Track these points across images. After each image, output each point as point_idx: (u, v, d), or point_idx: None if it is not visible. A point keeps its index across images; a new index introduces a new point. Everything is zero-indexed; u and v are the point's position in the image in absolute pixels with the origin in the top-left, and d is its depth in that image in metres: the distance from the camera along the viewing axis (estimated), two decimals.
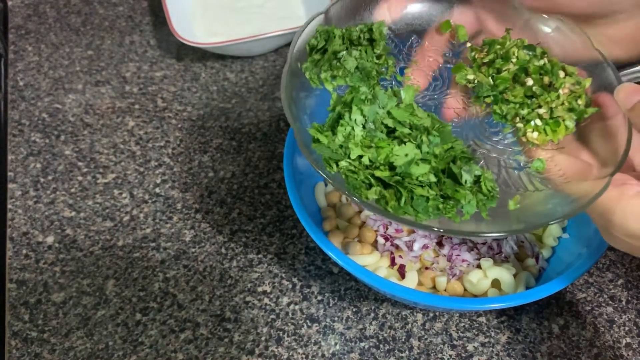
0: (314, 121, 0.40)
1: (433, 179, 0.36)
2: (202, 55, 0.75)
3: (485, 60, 0.43)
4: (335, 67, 0.41)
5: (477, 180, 0.37)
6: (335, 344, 0.51)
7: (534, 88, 0.41)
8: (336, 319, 0.53)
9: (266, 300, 0.54)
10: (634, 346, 0.52)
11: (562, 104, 0.41)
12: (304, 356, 0.51)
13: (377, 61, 0.43)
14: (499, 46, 0.43)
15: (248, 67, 0.74)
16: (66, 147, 0.65)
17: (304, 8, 0.79)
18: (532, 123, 0.41)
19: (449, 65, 0.45)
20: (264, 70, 0.74)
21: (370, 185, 0.37)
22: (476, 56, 0.44)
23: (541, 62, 0.42)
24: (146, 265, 0.56)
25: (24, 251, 0.57)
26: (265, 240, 0.58)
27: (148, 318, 0.52)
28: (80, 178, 0.63)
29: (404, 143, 0.38)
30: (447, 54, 0.46)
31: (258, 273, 0.56)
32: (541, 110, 0.41)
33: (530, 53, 0.42)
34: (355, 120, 0.39)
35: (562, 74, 0.41)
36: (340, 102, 0.40)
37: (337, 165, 0.37)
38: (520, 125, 0.42)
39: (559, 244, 0.56)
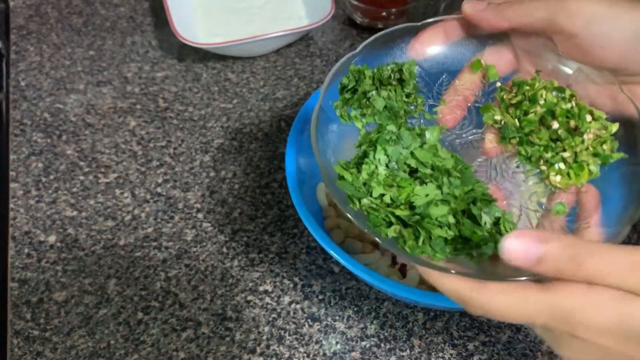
0: (338, 156, 0.41)
1: (452, 220, 0.37)
2: (203, 55, 0.75)
3: (514, 101, 0.43)
4: (364, 106, 0.43)
5: (496, 222, 0.37)
6: (337, 342, 0.51)
7: (560, 131, 0.41)
8: (337, 318, 0.53)
9: (267, 300, 0.54)
10: None
11: (587, 148, 0.40)
12: (305, 355, 0.51)
13: (406, 100, 0.44)
14: (527, 87, 0.43)
15: (249, 68, 0.74)
16: (68, 147, 0.66)
17: (305, 8, 0.79)
18: (556, 166, 0.41)
19: (477, 105, 0.45)
20: (265, 70, 0.74)
21: (391, 224, 0.37)
22: (505, 97, 0.44)
23: (568, 105, 0.41)
24: (148, 264, 0.56)
25: (26, 250, 0.57)
26: (267, 240, 0.58)
27: (150, 317, 0.53)
28: (81, 178, 0.63)
29: (425, 183, 0.39)
30: (477, 93, 0.46)
31: (259, 272, 0.56)
32: (565, 154, 0.40)
33: (559, 95, 0.42)
34: (379, 159, 0.40)
35: (589, 117, 0.41)
36: (367, 140, 0.41)
37: (360, 202, 0.38)
38: (544, 168, 0.41)
39: None
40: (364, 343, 0.51)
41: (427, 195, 0.38)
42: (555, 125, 0.41)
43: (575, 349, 0.30)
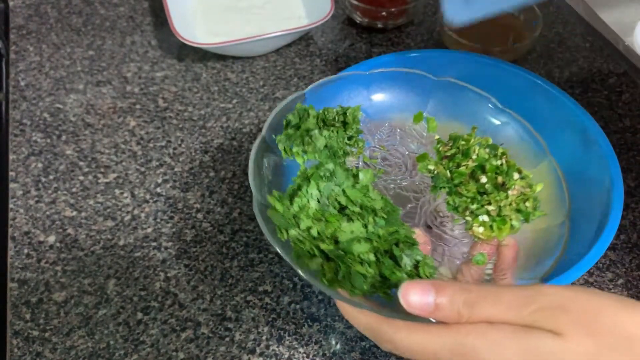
0: (273, 189, 0.43)
1: (372, 258, 0.38)
2: (203, 55, 0.75)
3: (448, 153, 0.46)
4: (306, 143, 0.45)
5: (417, 265, 0.39)
6: (336, 343, 0.51)
7: (487, 186, 0.43)
8: (337, 318, 0.53)
9: (267, 300, 0.54)
10: None
11: (511, 204, 0.43)
12: (305, 355, 0.51)
13: (347, 142, 0.46)
14: (463, 142, 0.45)
15: (249, 68, 0.74)
16: (67, 147, 0.66)
17: (305, 8, 0.79)
18: (480, 218, 0.43)
19: (414, 154, 0.48)
20: (265, 70, 0.74)
21: (314, 256, 0.39)
22: (440, 148, 0.46)
23: (499, 162, 0.44)
24: (147, 264, 0.56)
25: (26, 250, 0.57)
26: (266, 240, 0.58)
27: (149, 317, 0.53)
28: (81, 178, 0.63)
29: (352, 220, 0.40)
30: (416, 145, 0.49)
31: (259, 272, 0.56)
32: (490, 207, 0.43)
33: (491, 152, 0.45)
34: (312, 193, 0.41)
35: (516, 175, 0.43)
36: (303, 175, 0.43)
37: (287, 233, 0.39)
38: (469, 218, 0.44)
39: None
40: (363, 343, 0.51)
41: (352, 232, 0.39)
42: (484, 179, 0.44)
43: None
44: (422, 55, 0.63)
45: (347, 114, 0.46)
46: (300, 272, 0.37)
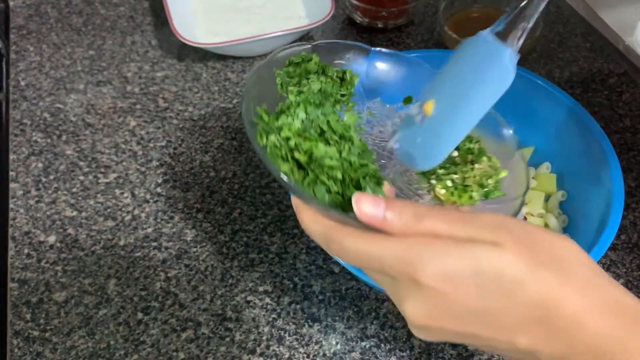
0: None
1: (339, 176, 0.41)
2: (203, 55, 0.75)
3: None
4: (302, 85, 0.46)
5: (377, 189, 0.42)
6: (337, 343, 0.51)
7: (456, 159, 0.46)
8: (337, 318, 0.53)
9: (267, 300, 0.54)
10: None
11: (475, 177, 0.45)
12: (305, 355, 0.51)
13: (340, 97, 0.48)
14: None
15: (249, 68, 0.74)
16: (67, 147, 0.66)
17: (305, 8, 0.79)
18: (444, 182, 0.45)
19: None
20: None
21: (286, 161, 0.41)
22: None
23: (471, 145, 0.47)
24: (147, 264, 0.56)
25: (26, 250, 0.57)
26: (267, 240, 0.58)
27: (149, 317, 0.53)
28: (81, 178, 0.63)
29: (329, 145, 0.43)
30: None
31: (259, 272, 0.56)
32: (455, 176, 0.45)
33: (467, 138, 0.47)
34: (299, 114, 0.44)
35: (485, 159, 0.46)
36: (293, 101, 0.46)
37: (267, 138, 0.42)
38: (434, 181, 0.46)
39: None
40: (364, 343, 0.51)
41: (326, 152, 0.42)
42: (455, 154, 0.46)
43: (416, 298, 0.32)
44: (422, 55, 0.63)
45: (347, 73, 0.48)
46: (272, 171, 0.39)
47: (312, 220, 0.36)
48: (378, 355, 0.51)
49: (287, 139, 0.42)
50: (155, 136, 0.67)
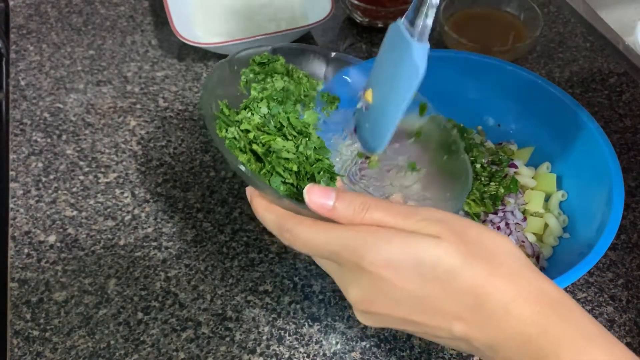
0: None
1: (295, 169, 0.43)
2: (203, 55, 0.75)
3: None
4: (267, 82, 0.48)
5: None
6: (337, 343, 0.51)
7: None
8: (337, 318, 0.53)
9: (267, 300, 0.54)
10: (634, 346, 0.52)
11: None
12: (305, 355, 0.51)
13: (302, 98, 0.49)
14: None
15: None
16: (68, 147, 0.66)
17: (305, 8, 0.79)
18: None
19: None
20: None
21: (244, 153, 0.43)
22: None
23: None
24: (148, 264, 0.56)
25: (26, 250, 0.57)
26: (267, 240, 0.58)
27: (149, 317, 0.53)
28: (81, 177, 0.63)
29: (287, 140, 0.45)
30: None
31: (259, 272, 0.56)
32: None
33: None
34: (260, 108, 0.45)
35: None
36: (255, 97, 0.47)
37: (227, 130, 0.43)
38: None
39: (560, 244, 0.56)
40: (364, 343, 0.51)
41: (284, 146, 0.44)
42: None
43: (360, 283, 0.35)
44: None
45: (309, 77, 0.50)
46: (229, 161, 0.40)
47: (266, 208, 0.39)
48: (378, 355, 0.51)
49: (247, 131, 0.44)
50: (156, 136, 0.67)
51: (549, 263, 0.55)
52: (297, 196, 0.42)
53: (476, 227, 0.35)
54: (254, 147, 0.43)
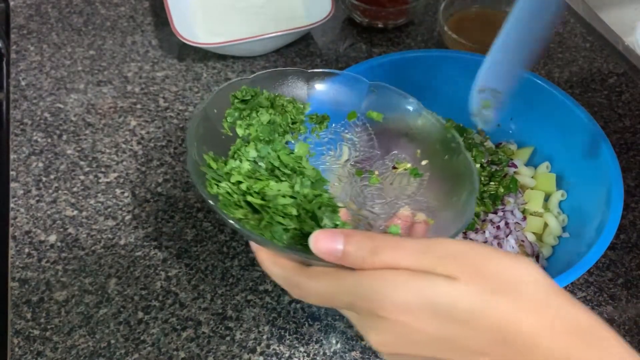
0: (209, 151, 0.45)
1: (295, 212, 0.40)
2: (203, 55, 0.75)
3: None
4: (251, 118, 0.47)
5: (336, 227, 0.41)
6: (337, 342, 0.51)
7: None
8: (337, 317, 0.53)
9: (268, 299, 0.54)
10: (634, 345, 0.52)
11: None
12: (305, 354, 0.51)
13: (291, 126, 0.49)
14: None
15: (249, 67, 0.75)
16: (68, 147, 0.66)
17: (305, 8, 0.79)
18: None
19: (348, 142, 0.52)
20: (265, 70, 0.74)
21: (240, 207, 0.41)
22: None
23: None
24: (148, 264, 0.56)
25: (27, 250, 0.57)
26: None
27: (150, 316, 0.53)
28: (82, 177, 0.63)
29: (281, 181, 0.43)
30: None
31: (259, 272, 0.56)
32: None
33: None
34: (249, 152, 0.44)
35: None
36: (243, 140, 0.46)
37: (218, 186, 0.41)
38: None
39: (559, 243, 0.56)
40: (364, 342, 0.51)
41: (279, 190, 0.42)
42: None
43: (379, 329, 0.34)
44: (422, 55, 0.63)
45: (295, 102, 0.50)
46: (225, 220, 0.38)
47: (273, 263, 0.37)
48: (378, 355, 0.51)
49: (239, 182, 0.42)
50: (156, 136, 0.67)
51: (549, 262, 0.55)
52: (302, 241, 0.40)
53: (496, 258, 0.33)
54: (249, 198, 0.41)
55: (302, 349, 0.51)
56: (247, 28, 0.77)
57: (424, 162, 0.50)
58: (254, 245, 0.39)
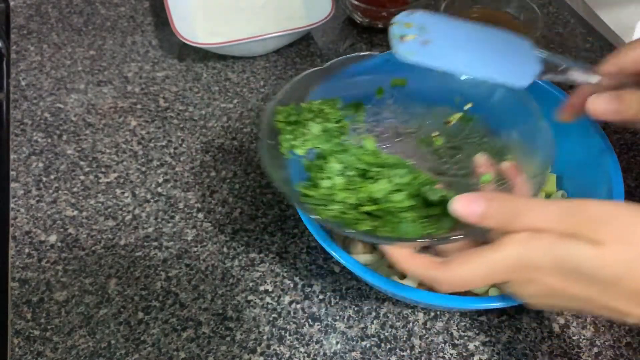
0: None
1: (409, 203, 0.42)
2: (203, 55, 0.75)
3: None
4: (304, 134, 0.47)
5: (443, 200, 0.42)
6: (337, 342, 0.51)
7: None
8: (338, 317, 0.53)
9: (268, 299, 0.54)
10: (634, 345, 0.52)
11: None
12: (305, 355, 0.51)
13: (336, 125, 0.49)
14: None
15: (249, 67, 0.75)
16: (68, 147, 0.66)
17: (305, 8, 0.79)
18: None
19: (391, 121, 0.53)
20: (266, 70, 0.74)
21: (361, 220, 0.41)
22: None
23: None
24: (148, 264, 0.56)
25: (27, 250, 0.57)
26: (267, 240, 0.58)
27: (150, 317, 0.53)
28: (82, 177, 0.63)
29: (377, 181, 0.43)
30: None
31: (260, 272, 0.56)
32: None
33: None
34: (334, 168, 0.44)
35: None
36: (316, 158, 0.46)
37: (327, 211, 0.42)
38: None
39: None
40: (364, 343, 0.51)
41: (384, 189, 0.42)
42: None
43: (531, 290, 0.35)
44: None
45: (327, 102, 0.50)
46: (355, 236, 0.39)
47: (408, 261, 0.38)
48: (378, 355, 0.51)
49: (346, 199, 0.42)
50: (156, 136, 0.67)
51: None
52: (430, 227, 0.40)
53: None
54: (365, 209, 0.41)
55: (302, 350, 0.51)
56: (247, 28, 0.77)
57: (467, 107, 0.50)
58: (385, 249, 0.39)
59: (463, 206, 0.35)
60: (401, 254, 0.38)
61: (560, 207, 0.33)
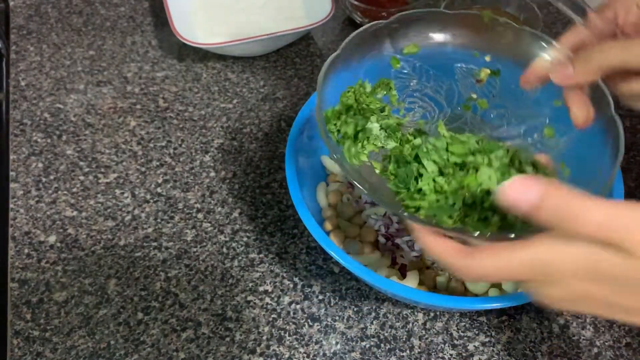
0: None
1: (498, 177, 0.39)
2: (203, 55, 0.75)
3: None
4: (364, 139, 0.45)
5: (535, 167, 0.41)
6: (337, 343, 0.51)
7: None
8: (337, 318, 0.53)
9: (267, 300, 0.54)
10: (634, 346, 0.52)
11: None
12: (305, 355, 0.51)
13: (383, 114, 0.46)
14: None
15: (249, 68, 0.74)
16: (68, 147, 0.66)
17: (305, 8, 0.79)
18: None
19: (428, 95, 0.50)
20: (265, 70, 0.74)
21: (450, 217, 0.39)
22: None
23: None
24: (148, 264, 0.56)
25: (26, 250, 0.57)
26: (267, 240, 0.58)
27: (150, 317, 0.53)
28: (81, 178, 0.63)
29: (476, 170, 0.40)
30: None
31: (259, 272, 0.56)
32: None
33: None
34: (432, 170, 0.41)
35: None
36: (395, 160, 0.43)
37: (451, 217, 0.39)
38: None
39: None
40: (364, 343, 0.51)
41: (489, 177, 0.39)
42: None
43: (553, 290, 0.34)
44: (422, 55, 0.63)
45: (360, 89, 0.47)
46: (448, 231, 0.37)
47: (438, 246, 0.37)
48: (378, 355, 0.51)
49: (453, 190, 0.40)
50: (156, 136, 0.67)
51: None
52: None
53: None
54: (486, 205, 0.39)
55: (302, 350, 0.51)
56: (247, 28, 0.77)
57: (487, 58, 0.48)
58: (415, 227, 0.38)
59: (516, 191, 0.32)
60: (430, 237, 0.37)
61: (600, 215, 0.31)
